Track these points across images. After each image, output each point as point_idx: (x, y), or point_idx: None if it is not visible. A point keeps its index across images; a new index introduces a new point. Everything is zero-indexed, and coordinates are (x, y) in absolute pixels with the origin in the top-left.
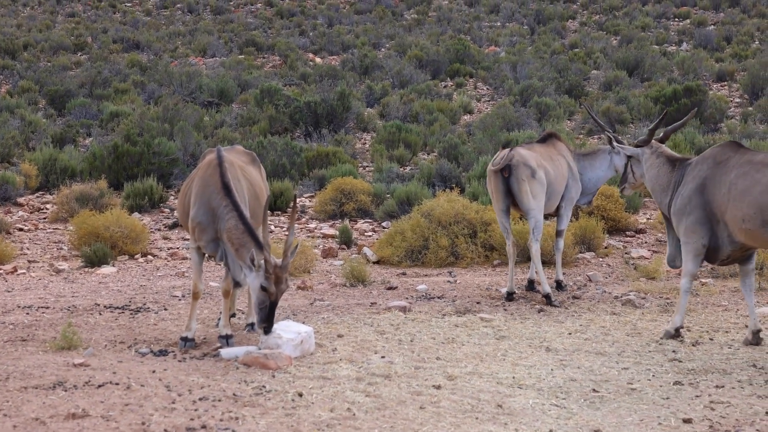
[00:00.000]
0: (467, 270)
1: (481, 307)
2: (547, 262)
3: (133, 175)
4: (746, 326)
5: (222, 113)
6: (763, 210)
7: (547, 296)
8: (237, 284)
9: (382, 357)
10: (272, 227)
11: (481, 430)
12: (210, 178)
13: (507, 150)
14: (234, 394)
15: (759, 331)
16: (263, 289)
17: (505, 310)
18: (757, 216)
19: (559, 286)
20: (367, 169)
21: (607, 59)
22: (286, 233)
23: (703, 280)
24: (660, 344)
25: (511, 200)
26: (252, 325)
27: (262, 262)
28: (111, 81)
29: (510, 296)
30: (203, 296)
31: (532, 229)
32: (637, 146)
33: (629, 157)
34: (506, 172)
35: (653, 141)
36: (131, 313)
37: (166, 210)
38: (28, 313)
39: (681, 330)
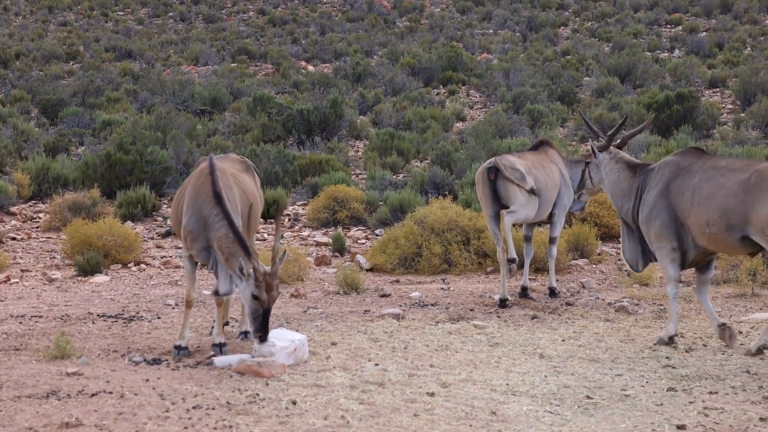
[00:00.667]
0: (460, 277)
1: (474, 314)
2: (541, 268)
3: (125, 184)
4: (738, 332)
5: (215, 121)
6: (728, 214)
7: (511, 260)
8: (216, 293)
9: (376, 364)
10: (265, 235)
11: None
12: (201, 187)
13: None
14: (228, 403)
15: (724, 324)
16: (255, 297)
17: (499, 317)
18: (722, 220)
19: (552, 293)
20: (360, 176)
21: (599, 66)
22: (260, 240)
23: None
24: (653, 351)
25: (500, 206)
26: (246, 333)
27: (251, 270)
28: (103, 90)
29: (503, 303)
30: (196, 305)
31: (511, 210)
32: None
33: (587, 164)
34: (492, 175)
35: (611, 147)
36: (124, 322)
37: (159, 218)
38: (21, 323)
39: (675, 338)
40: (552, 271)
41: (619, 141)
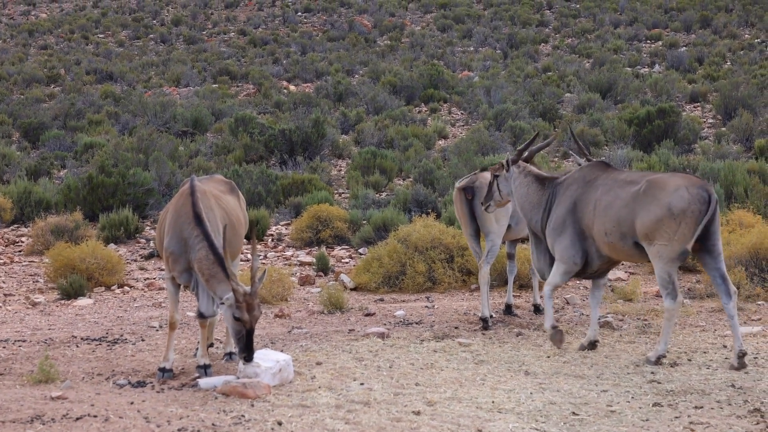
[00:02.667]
0: (445, 295)
1: (459, 331)
2: (525, 285)
3: (108, 207)
4: (723, 346)
5: (197, 142)
6: (621, 224)
7: (484, 320)
8: (202, 315)
9: (361, 384)
10: (249, 255)
11: None
12: (182, 208)
13: (474, 173)
14: (213, 424)
15: (596, 341)
16: (236, 319)
17: (484, 334)
18: (617, 229)
19: (536, 309)
20: (342, 195)
21: (580, 82)
22: (245, 260)
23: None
24: (638, 366)
25: (478, 224)
26: (230, 354)
27: (231, 293)
28: (85, 112)
29: (485, 323)
30: (180, 326)
31: (486, 251)
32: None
33: (496, 176)
34: (469, 195)
35: (520, 161)
36: (108, 345)
37: (142, 240)
38: (4, 347)
39: (556, 326)
40: (536, 288)
41: (526, 155)
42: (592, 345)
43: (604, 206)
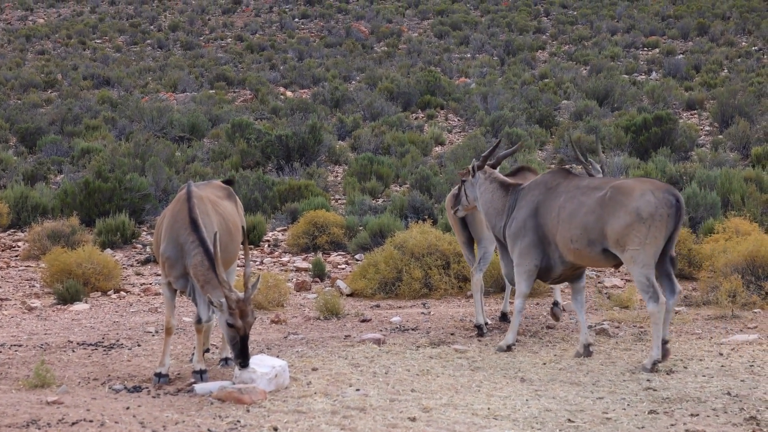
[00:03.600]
0: (441, 301)
1: (455, 338)
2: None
3: (104, 212)
4: (719, 354)
5: (193, 148)
6: (588, 230)
7: (478, 327)
8: (199, 320)
9: (357, 390)
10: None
11: None
12: (178, 214)
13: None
14: (209, 430)
15: (590, 344)
16: (230, 325)
17: (480, 340)
18: (583, 236)
19: (503, 317)
20: (339, 201)
21: (577, 89)
22: (242, 265)
23: (677, 309)
24: (634, 373)
25: (470, 232)
26: (226, 359)
27: (223, 299)
28: (82, 118)
29: (480, 330)
30: (176, 331)
31: (479, 258)
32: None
33: (463, 182)
34: None
35: (486, 167)
36: (104, 350)
37: (139, 246)
38: (0, 352)
39: (513, 347)
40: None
41: (493, 161)
42: (587, 349)
43: (568, 213)
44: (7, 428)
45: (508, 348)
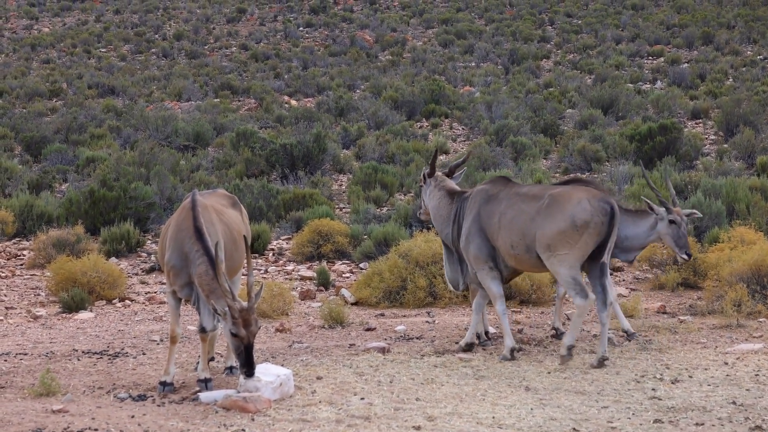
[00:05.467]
0: (446, 310)
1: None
2: (525, 300)
3: (109, 220)
4: (724, 363)
5: (198, 157)
6: (526, 236)
7: (478, 336)
8: (203, 329)
9: (362, 398)
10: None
11: None
12: (183, 222)
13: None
14: None
15: (473, 344)
16: (233, 335)
17: (484, 349)
18: (522, 242)
19: (556, 334)
20: (344, 210)
21: (581, 98)
22: (246, 274)
23: (682, 318)
24: (639, 382)
25: None
26: (231, 368)
27: (227, 309)
28: (87, 126)
29: (478, 338)
30: (181, 340)
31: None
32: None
33: (420, 187)
34: None
35: (438, 174)
36: (109, 359)
37: (144, 254)
38: (6, 360)
39: (515, 351)
40: (557, 310)
41: (447, 171)
42: (469, 347)
43: (508, 220)
44: None
45: (512, 354)
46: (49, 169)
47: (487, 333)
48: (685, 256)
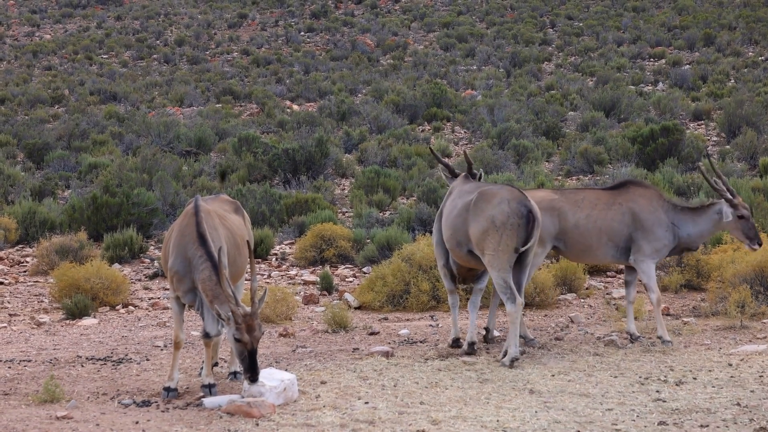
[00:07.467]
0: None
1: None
2: (529, 303)
3: (112, 226)
4: (728, 364)
5: (200, 162)
6: (456, 231)
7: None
8: (207, 335)
9: (366, 403)
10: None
11: None
12: (186, 228)
13: None
14: None
15: (473, 343)
16: (237, 340)
17: (488, 352)
18: (453, 237)
19: (631, 338)
20: (346, 214)
21: (583, 100)
22: (249, 279)
23: (685, 319)
24: (643, 384)
25: None
26: (235, 373)
27: (230, 314)
28: (89, 133)
29: (484, 337)
30: (185, 346)
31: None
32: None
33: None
34: None
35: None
36: (113, 365)
37: (147, 260)
38: (10, 367)
39: (474, 345)
40: (630, 317)
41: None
42: (471, 347)
43: (446, 215)
44: None
45: (471, 348)
46: (51, 175)
47: (487, 331)
48: (757, 246)
